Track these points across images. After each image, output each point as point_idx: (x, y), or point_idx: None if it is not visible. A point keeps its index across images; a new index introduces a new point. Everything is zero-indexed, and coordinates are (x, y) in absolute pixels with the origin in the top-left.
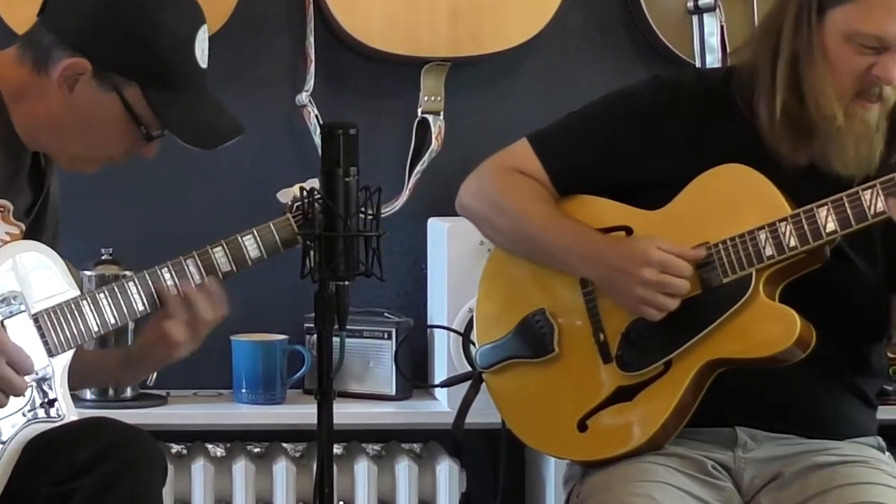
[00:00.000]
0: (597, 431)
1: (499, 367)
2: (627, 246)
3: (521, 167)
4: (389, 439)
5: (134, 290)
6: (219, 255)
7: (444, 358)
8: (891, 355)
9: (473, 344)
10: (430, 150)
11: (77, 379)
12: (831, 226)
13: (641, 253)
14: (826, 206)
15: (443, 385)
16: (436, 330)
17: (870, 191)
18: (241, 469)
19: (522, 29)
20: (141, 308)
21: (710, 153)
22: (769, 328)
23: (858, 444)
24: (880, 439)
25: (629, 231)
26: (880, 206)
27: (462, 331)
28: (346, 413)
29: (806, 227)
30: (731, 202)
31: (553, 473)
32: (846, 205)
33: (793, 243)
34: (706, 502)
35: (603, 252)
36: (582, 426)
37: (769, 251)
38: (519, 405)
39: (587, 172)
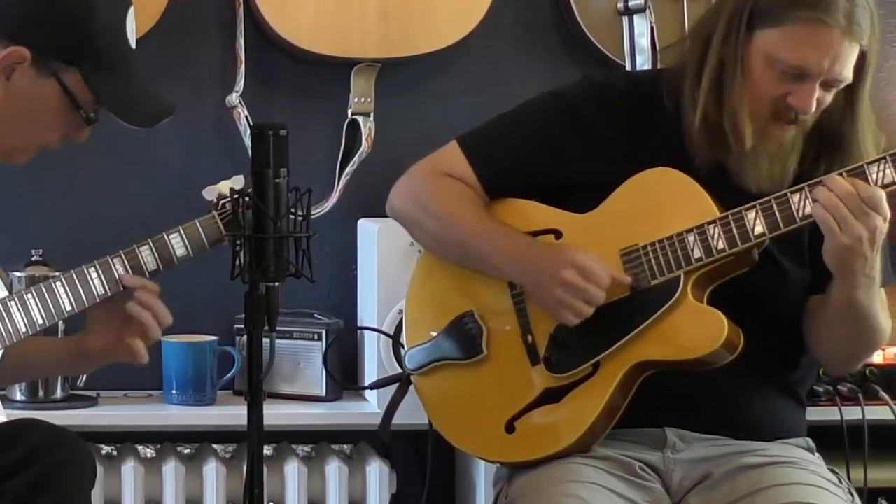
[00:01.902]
0: (524, 433)
1: (428, 368)
2: (554, 249)
3: (450, 170)
4: (319, 440)
5: (61, 290)
6: (145, 253)
7: (374, 359)
8: None
9: (403, 346)
10: (360, 151)
11: (13, 373)
12: (759, 229)
13: (566, 256)
14: (755, 209)
15: (372, 387)
16: (366, 331)
17: (798, 194)
18: (171, 470)
19: (453, 30)
20: (69, 308)
21: (639, 155)
22: (697, 331)
23: (788, 444)
24: (809, 440)
25: (558, 234)
26: (808, 209)
27: (392, 332)
28: (276, 414)
29: (734, 229)
30: (661, 205)
31: (483, 474)
32: (775, 208)
33: (721, 246)
34: (635, 503)
35: (529, 254)
36: (510, 428)
37: (697, 254)
38: (447, 407)
39: (517, 174)
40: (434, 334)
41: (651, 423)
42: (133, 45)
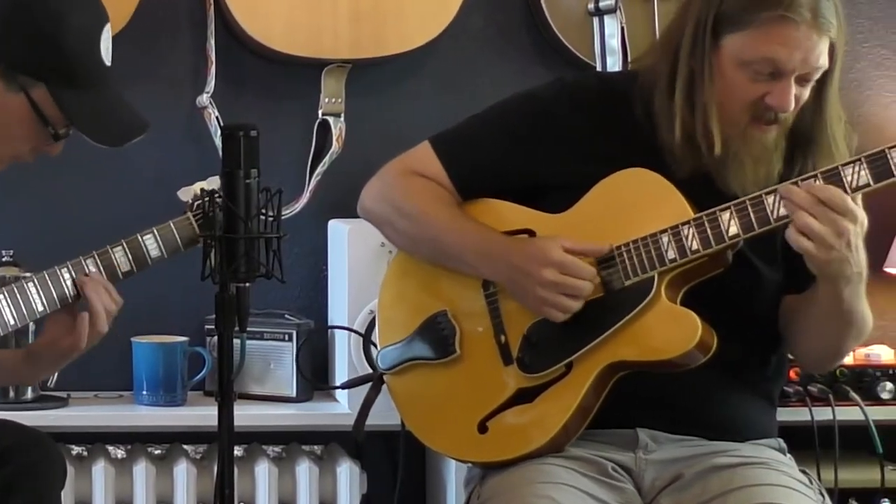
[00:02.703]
0: (497, 433)
1: (400, 368)
2: (530, 246)
3: (422, 170)
4: (290, 441)
5: (33, 291)
6: (119, 254)
7: (345, 359)
8: (791, 357)
9: (374, 345)
10: (330, 151)
11: None
12: (734, 229)
13: (543, 253)
14: (729, 210)
15: (343, 387)
16: (337, 331)
17: (773, 195)
18: (141, 470)
19: (423, 31)
20: (41, 309)
21: (612, 156)
22: (670, 331)
23: (759, 445)
24: (781, 441)
25: (532, 234)
26: (783, 210)
27: (363, 332)
28: (246, 415)
29: (709, 230)
30: (635, 206)
31: (454, 475)
32: (749, 209)
33: (695, 246)
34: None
35: (505, 253)
36: (482, 428)
37: (671, 254)
38: (419, 407)
39: (489, 175)
40: (407, 334)
41: (623, 423)
42: (108, 61)
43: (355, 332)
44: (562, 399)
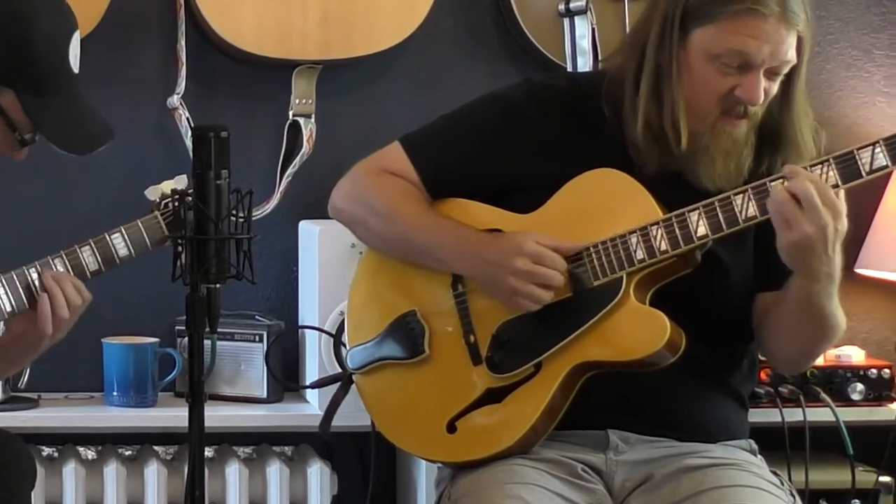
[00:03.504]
0: (466, 433)
1: (370, 368)
2: (502, 239)
3: (393, 169)
4: (261, 442)
5: (1, 291)
6: (87, 254)
7: (316, 360)
8: (762, 358)
9: (344, 346)
10: (301, 152)
11: None
12: (702, 230)
13: (515, 244)
14: (698, 211)
15: (313, 386)
16: (307, 332)
17: (741, 195)
18: (112, 472)
19: (393, 32)
20: (9, 309)
21: (581, 156)
22: (639, 331)
23: (730, 447)
24: (752, 442)
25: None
26: (751, 210)
27: (333, 332)
28: (217, 416)
29: (677, 231)
30: (604, 206)
31: (424, 475)
32: (718, 209)
33: (664, 247)
34: None
35: (478, 247)
36: (451, 428)
37: (640, 255)
38: (389, 407)
39: (458, 175)
40: (376, 333)
41: (594, 424)
42: (76, 69)
43: (326, 332)
44: (530, 399)
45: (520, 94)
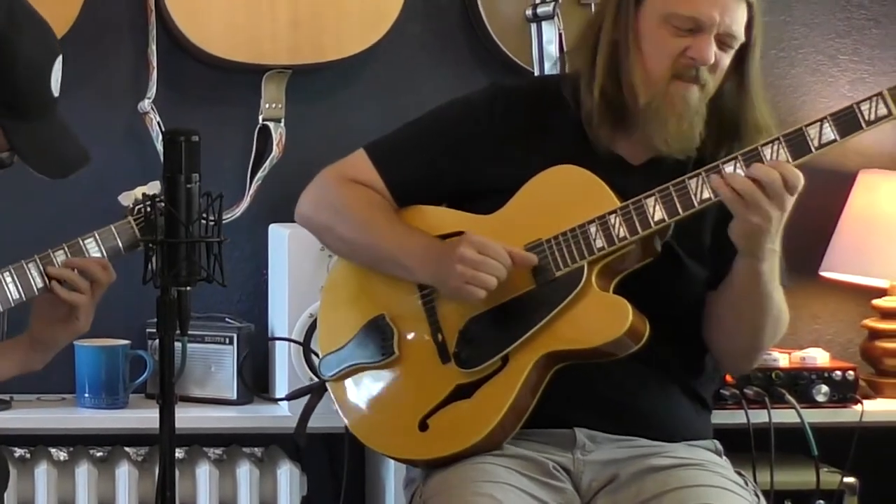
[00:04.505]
0: (437, 430)
1: (342, 374)
2: (454, 240)
3: (359, 177)
4: (231, 443)
5: None
6: (60, 258)
7: (286, 364)
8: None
9: (315, 354)
10: (271, 156)
11: None
12: (659, 214)
13: (464, 238)
14: (653, 197)
15: (288, 398)
16: (276, 335)
17: (696, 179)
18: (83, 473)
19: (362, 37)
20: None
21: (546, 158)
22: (602, 318)
23: (695, 447)
24: (717, 443)
25: None
26: (706, 193)
27: (302, 338)
28: (187, 417)
29: (635, 217)
30: (563, 200)
31: (393, 476)
32: (673, 194)
33: (622, 234)
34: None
35: (434, 251)
36: (423, 426)
37: (600, 243)
38: (363, 410)
39: (424, 180)
40: (347, 340)
41: (561, 423)
42: (56, 93)
43: (295, 342)
44: (499, 393)
45: (485, 97)
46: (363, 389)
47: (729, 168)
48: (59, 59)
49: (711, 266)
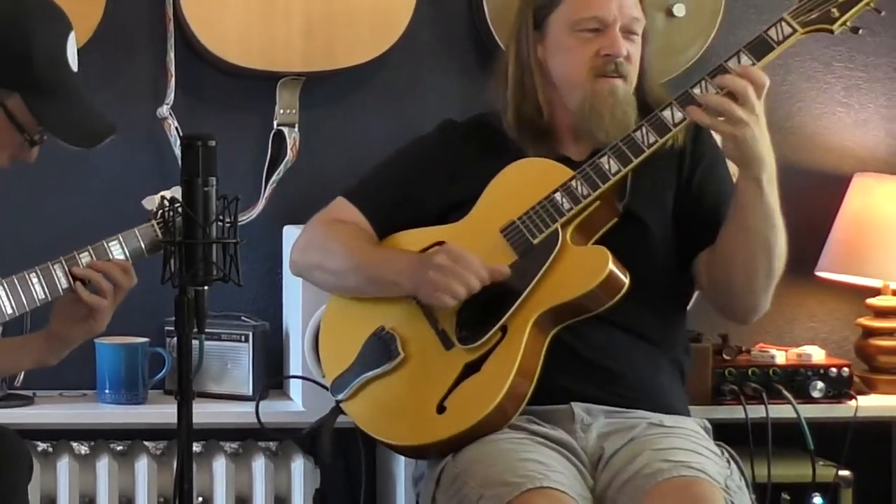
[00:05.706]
0: (455, 408)
1: (354, 391)
2: (436, 248)
3: (342, 217)
4: (246, 438)
5: (3, 295)
6: (85, 260)
7: (299, 361)
8: (727, 357)
9: (325, 388)
10: (285, 160)
11: None
12: (614, 167)
13: (442, 247)
14: (606, 154)
15: (307, 435)
16: (290, 333)
17: (640, 130)
18: (104, 466)
19: (373, 45)
20: (10, 311)
21: (498, 167)
22: (584, 266)
23: (683, 418)
24: (706, 422)
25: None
26: (652, 138)
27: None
28: (204, 412)
29: (593, 175)
30: (526, 186)
31: (403, 470)
32: (621, 146)
33: (585, 192)
34: (570, 472)
35: (415, 262)
36: (441, 409)
37: (567, 205)
38: (382, 416)
39: (400, 208)
40: (352, 359)
41: (559, 399)
42: (74, 67)
43: (311, 380)
44: (505, 359)
45: (438, 130)
46: (378, 398)
47: (697, 90)
48: (72, 34)
49: (688, 233)
